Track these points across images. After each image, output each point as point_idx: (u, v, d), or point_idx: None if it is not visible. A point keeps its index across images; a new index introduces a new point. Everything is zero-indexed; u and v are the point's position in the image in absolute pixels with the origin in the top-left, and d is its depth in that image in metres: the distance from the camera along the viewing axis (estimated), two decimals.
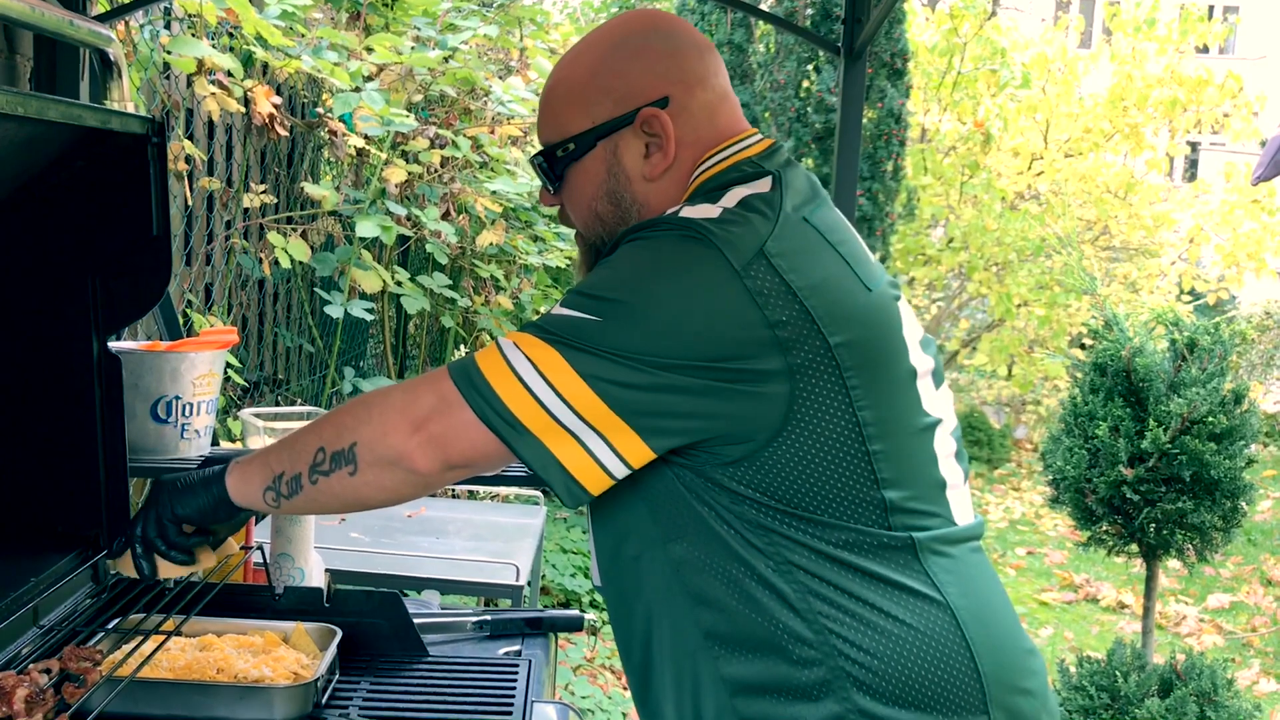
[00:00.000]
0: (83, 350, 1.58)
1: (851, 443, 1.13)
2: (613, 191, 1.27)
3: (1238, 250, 8.73)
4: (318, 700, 1.42)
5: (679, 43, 1.27)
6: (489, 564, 2.82)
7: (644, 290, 1.11)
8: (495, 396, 1.11)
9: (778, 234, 1.14)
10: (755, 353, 1.10)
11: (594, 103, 1.25)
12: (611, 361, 1.09)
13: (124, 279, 1.58)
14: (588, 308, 1.12)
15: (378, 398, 1.18)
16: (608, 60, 1.26)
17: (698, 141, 1.25)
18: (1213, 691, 2.92)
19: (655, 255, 1.14)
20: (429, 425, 1.14)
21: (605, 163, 1.26)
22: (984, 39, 8.03)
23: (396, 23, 4.43)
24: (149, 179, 1.53)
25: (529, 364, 1.11)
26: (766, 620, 1.14)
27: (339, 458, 1.17)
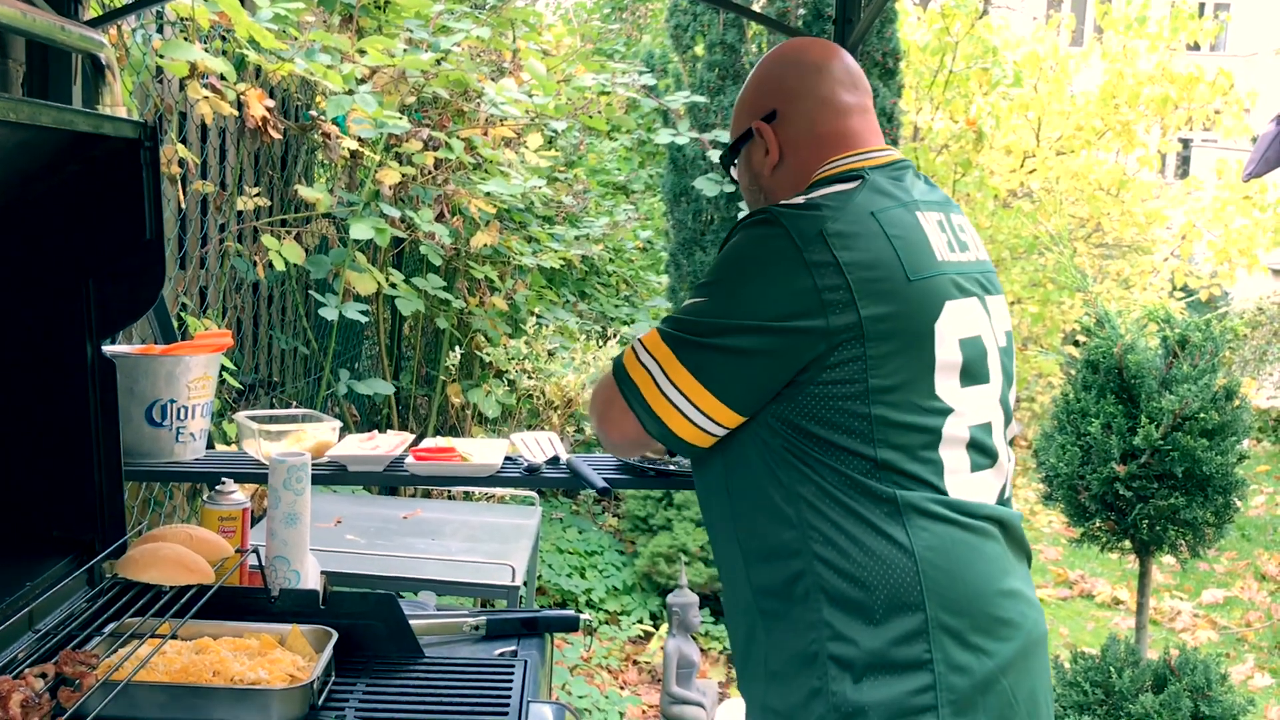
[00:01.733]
0: (77, 354, 1.59)
1: (858, 401, 1.38)
2: (751, 183, 1.66)
3: (1230, 246, 8.75)
4: (314, 702, 1.42)
5: (789, 66, 1.62)
6: (485, 565, 2.82)
7: (734, 268, 1.45)
8: (639, 392, 1.47)
9: (838, 220, 1.41)
10: (805, 311, 1.37)
11: (741, 117, 1.65)
12: (708, 347, 1.42)
13: (118, 283, 1.58)
14: (701, 291, 1.46)
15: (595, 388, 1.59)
16: (751, 83, 1.66)
17: (802, 144, 1.58)
18: (1207, 686, 2.93)
19: (742, 241, 1.46)
20: (608, 406, 1.53)
21: (746, 163, 1.66)
22: (976, 38, 8.04)
23: (389, 25, 4.43)
24: (142, 183, 1.53)
25: (652, 359, 1.46)
26: (773, 536, 1.44)
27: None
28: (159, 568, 1.54)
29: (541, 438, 2.56)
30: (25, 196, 1.53)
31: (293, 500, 1.76)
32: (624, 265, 6.70)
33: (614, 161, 7.16)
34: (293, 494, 1.76)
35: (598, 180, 6.62)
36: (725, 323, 1.42)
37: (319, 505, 2.79)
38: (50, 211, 1.55)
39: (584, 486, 2.37)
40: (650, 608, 4.83)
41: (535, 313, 5.35)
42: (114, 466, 1.63)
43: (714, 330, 1.42)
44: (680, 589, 3.80)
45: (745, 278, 1.42)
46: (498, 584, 2.75)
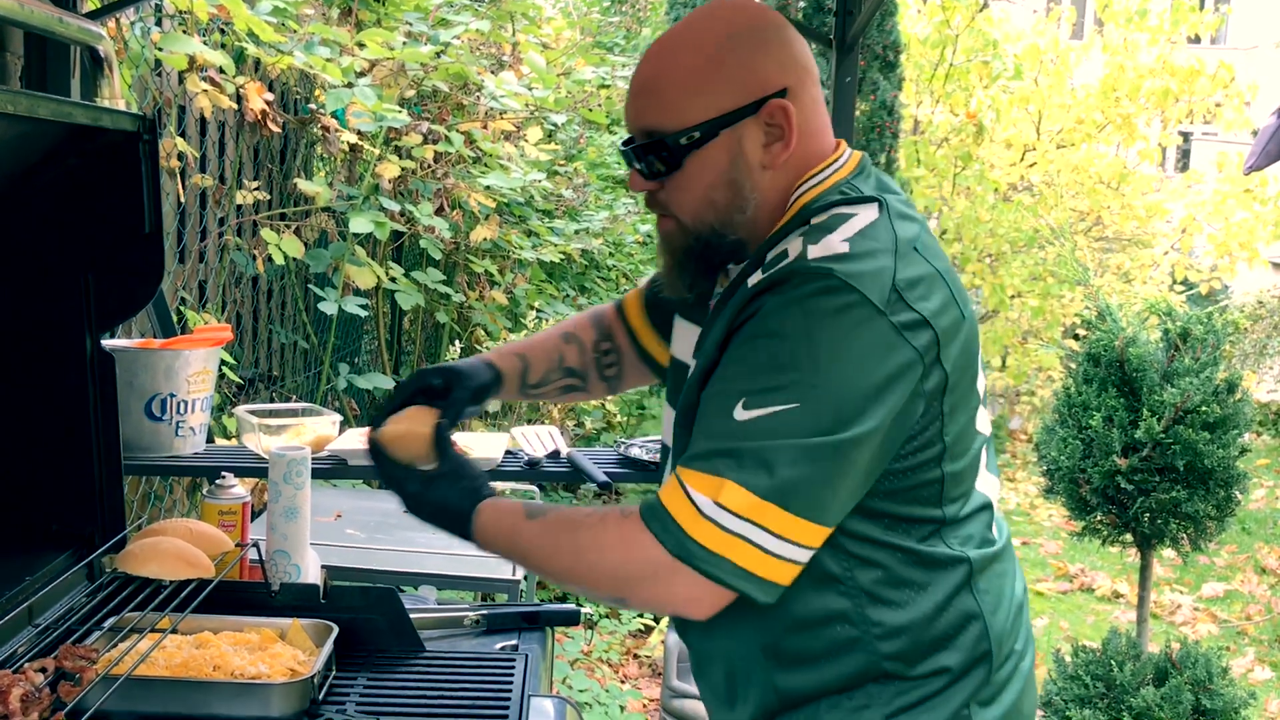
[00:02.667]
0: (76, 348, 1.58)
1: (933, 465, 1.21)
2: (733, 180, 1.28)
3: (1230, 240, 8.74)
4: (315, 696, 1.42)
5: (790, 35, 1.31)
6: (485, 559, 2.82)
7: (820, 360, 1.14)
8: (729, 564, 1.14)
9: (901, 266, 1.18)
10: (912, 392, 1.16)
11: (718, 93, 1.25)
12: (805, 478, 1.12)
13: (117, 277, 1.58)
14: (780, 399, 1.13)
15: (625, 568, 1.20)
16: (729, 48, 1.26)
17: (808, 133, 1.29)
18: (1208, 680, 2.94)
19: (809, 318, 1.15)
20: (691, 603, 1.18)
21: (728, 152, 1.27)
22: (976, 31, 8.03)
23: (388, 18, 4.42)
24: (141, 176, 1.53)
25: (750, 524, 1.13)
26: (821, 634, 1.24)
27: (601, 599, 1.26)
28: (159, 562, 1.54)
29: (542, 432, 2.56)
30: (24, 190, 1.52)
31: (293, 494, 1.76)
32: (624, 259, 6.69)
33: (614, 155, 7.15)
34: (293, 488, 1.76)
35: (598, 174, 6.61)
36: (839, 439, 1.12)
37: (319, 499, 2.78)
38: (49, 205, 1.55)
39: (585, 480, 2.37)
40: None
41: (535, 307, 5.34)
42: (113, 460, 1.63)
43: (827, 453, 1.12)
44: None
45: (837, 369, 1.13)
46: (498, 578, 2.75)
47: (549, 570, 1.26)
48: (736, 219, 1.29)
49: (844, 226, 1.21)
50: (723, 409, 1.16)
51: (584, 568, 1.21)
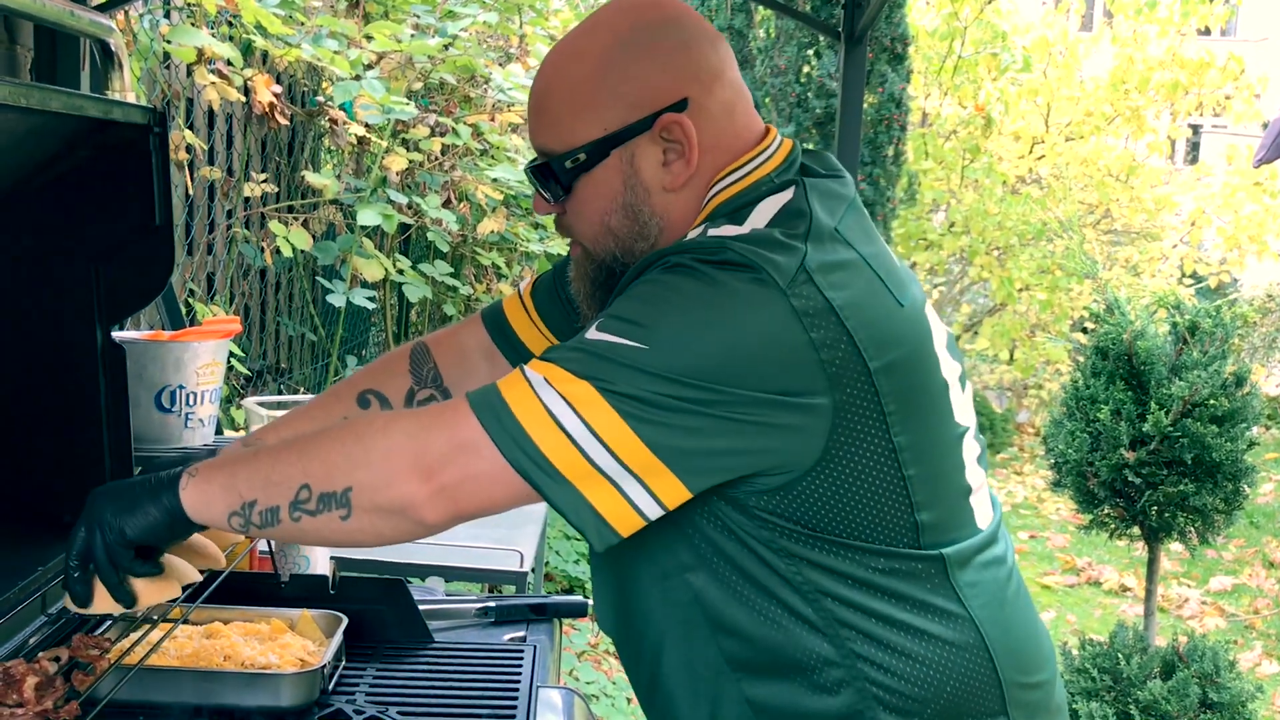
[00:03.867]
0: (86, 340, 1.59)
1: (887, 469, 1.09)
2: (629, 205, 1.16)
3: (1239, 233, 8.71)
4: (324, 687, 1.42)
5: (691, 34, 1.16)
6: (493, 550, 2.82)
7: (691, 316, 1.03)
8: (530, 441, 1.01)
9: (814, 247, 1.07)
10: (800, 383, 1.04)
11: (605, 108, 1.14)
12: (654, 399, 1.01)
13: (127, 269, 1.58)
14: (631, 334, 1.02)
15: (377, 435, 1.04)
16: (617, 59, 1.14)
17: (718, 146, 1.16)
18: (1215, 673, 2.93)
19: (699, 282, 1.04)
20: (444, 473, 1.02)
21: (620, 174, 1.15)
22: (984, 23, 8.00)
23: (396, 10, 4.42)
24: (151, 169, 1.53)
25: (565, 404, 1.01)
26: (793, 646, 1.12)
27: (329, 499, 1.04)
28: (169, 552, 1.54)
29: None
30: (34, 182, 1.53)
31: None
32: None
33: None
34: None
35: None
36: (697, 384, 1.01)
37: None
38: (59, 197, 1.55)
39: None
40: None
41: None
42: (124, 451, 1.64)
43: (665, 392, 1.01)
44: None
45: (708, 330, 1.02)
46: (506, 569, 2.76)
47: (282, 463, 1.06)
48: (639, 246, 1.17)
49: (752, 216, 1.12)
50: (577, 336, 1.06)
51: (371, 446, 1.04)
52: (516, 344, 1.46)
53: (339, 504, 1.04)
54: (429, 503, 1.03)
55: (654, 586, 1.17)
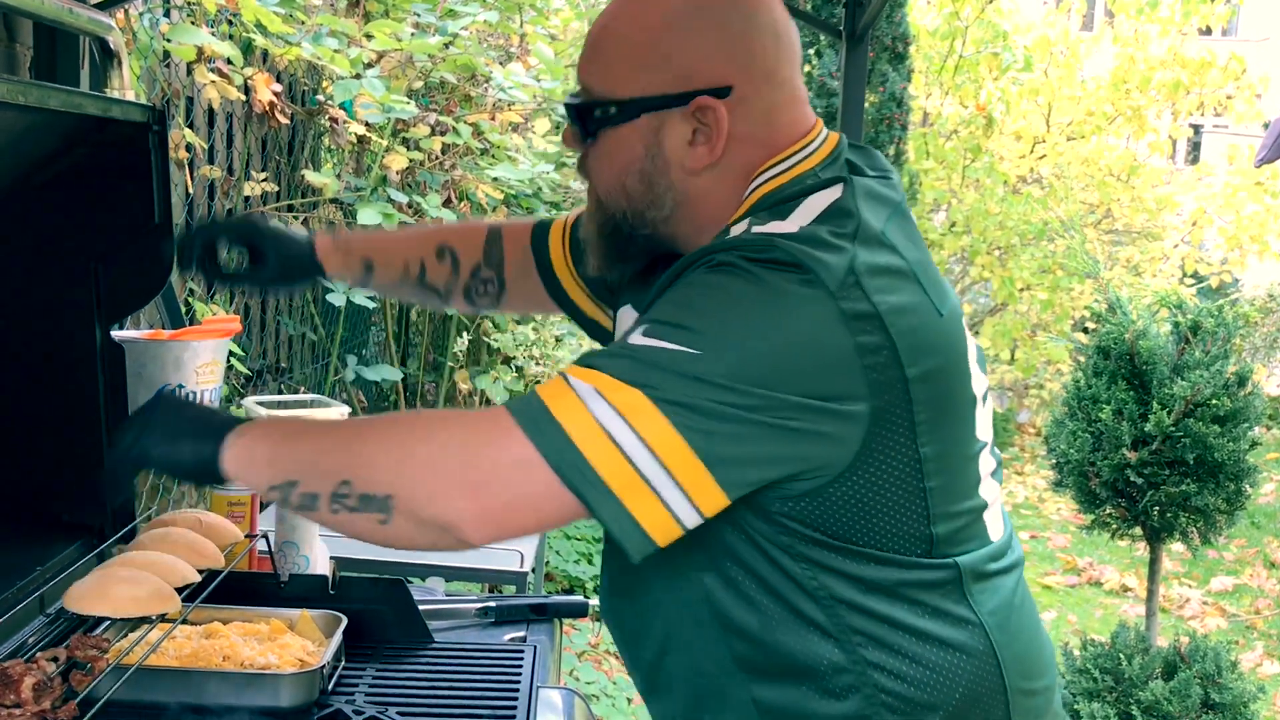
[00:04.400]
0: (86, 339, 1.59)
1: (910, 480, 1.08)
2: (646, 172, 1.14)
3: (1241, 233, 8.70)
4: (324, 687, 1.42)
5: (758, 24, 1.13)
6: (493, 550, 2.82)
7: (740, 319, 1.01)
8: (582, 457, 0.97)
9: (863, 249, 1.06)
10: (843, 388, 1.02)
11: (651, 69, 1.11)
12: (705, 406, 0.98)
13: (127, 267, 1.58)
14: (681, 339, 1.00)
15: (420, 442, 1.01)
16: (678, 26, 1.11)
17: (751, 140, 1.14)
18: (1216, 674, 2.93)
19: (747, 282, 1.02)
20: (492, 493, 0.99)
21: (644, 140, 1.13)
22: (986, 22, 8.00)
23: (396, 9, 4.41)
24: (151, 167, 1.53)
25: (616, 414, 0.97)
26: (804, 650, 1.11)
27: (369, 501, 1.01)
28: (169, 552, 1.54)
29: None
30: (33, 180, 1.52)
31: None
32: None
33: None
34: None
35: None
36: (742, 389, 0.99)
37: None
38: (59, 195, 1.55)
39: None
40: None
41: None
42: None
43: (729, 388, 0.99)
44: None
45: (758, 334, 1.00)
46: (506, 569, 2.75)
47: (326, 449, 1.05)
48: (650, 215, 1.16)
49: (798, 211, 1.09)
50: (620, 343, 1.04)
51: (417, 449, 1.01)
52: (546, 261, 1.50)
53: (379, 507, 1.01)
54: (474, 523, 1.00)
55: (665, 584, 1.15)
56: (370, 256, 1.54)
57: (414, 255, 1.53)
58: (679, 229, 1.18)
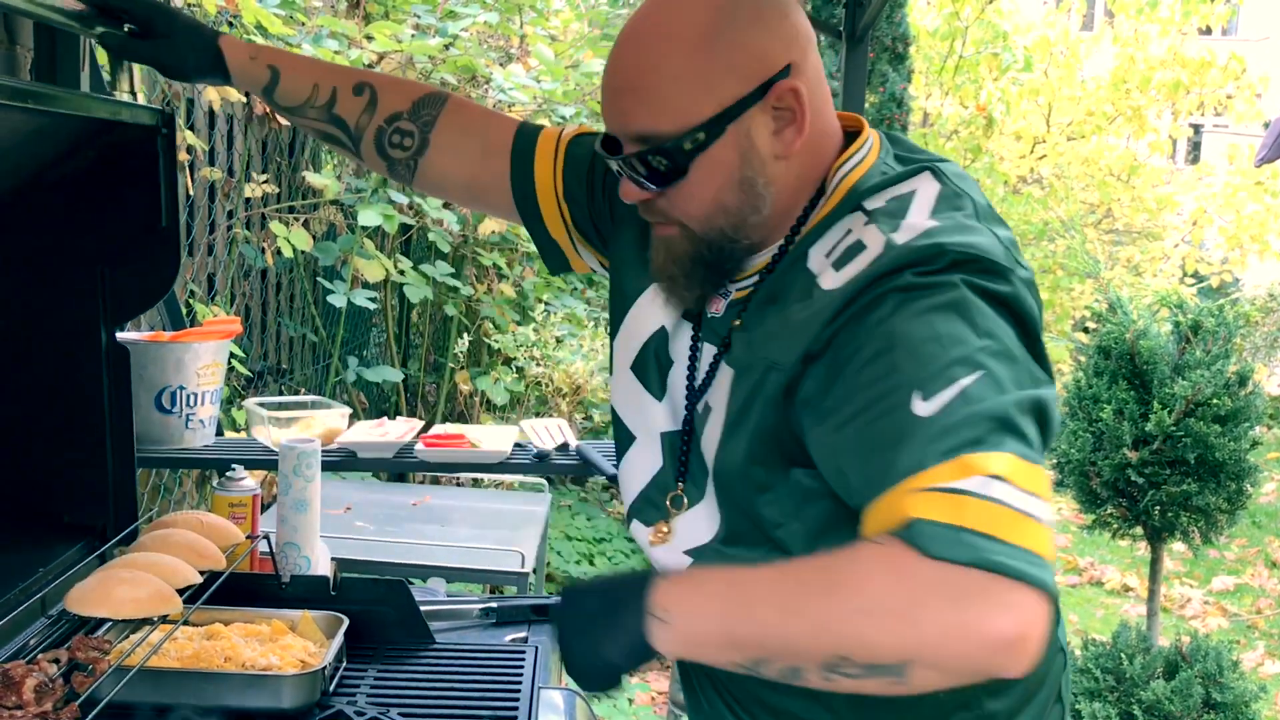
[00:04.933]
0: (91, 341, 1.58)
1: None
2: (745, 179, 1.11)
3: (1241, 233, 8.70)
4: (325, 688, 1.42)
5: (779, 3, 1.12)
6: (494, 551, 2.82)
7: (970, 330, 0.99)
8: (1039, 556, 0.89)
9: (993, 225, 1.09)
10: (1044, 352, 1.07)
11: (719, 82, 1.08)
12: (1019, 425, 0.95)
13: (133, 270, 1.57)
14: (960, 374, 0.95)
15: (909, 606, 0.90)
16: (724, 30, 1.08)
17: (823, 106, 1.13)
18: (1218, 673, 2.93)
19: (948, 293, 1.00)
20: (1024, 643, 0.88)
21: (738, 148, 1.10)
22: (986, 22, 8.00)
23: (396, 10, 4.42)
24: (158, 170, 1.53)
25: (1007, 485, 0.90)
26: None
27: (877, 669, 0.93)
28: (171, 553, 1.54)
29: (551, 424, 2.56)
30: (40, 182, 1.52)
31: (303, 486, 1.76)
32: None
33: None
34: (303, 480, 1.76)
35: None
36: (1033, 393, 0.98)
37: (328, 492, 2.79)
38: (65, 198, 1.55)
39: (594, 472, 2.37)
40: None
41: (543, 300, 5.34)
42: (126, 452, 1.63)
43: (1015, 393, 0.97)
44: None
45: (989, 334, 0.99)
46: (507, 570, 2.76)
47: (792, 632, 0.95)
48: (751, 220, 1.13)
49: (914, 205, 1.09)
50: (897, 419, 0.95)
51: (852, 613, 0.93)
52: (527, 162, 1.41)
53: (891, 673, 0.94)
54: (1013, 662, 0.89)
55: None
56: (278, 65, 1.45)
57: (327, 80, 1.45)
58: (764, 231, 1.15)
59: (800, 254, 1.13)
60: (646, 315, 1.27)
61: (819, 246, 1.11)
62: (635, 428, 1.27)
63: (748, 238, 1.15)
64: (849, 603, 0.93)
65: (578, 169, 1.39)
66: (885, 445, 0.95)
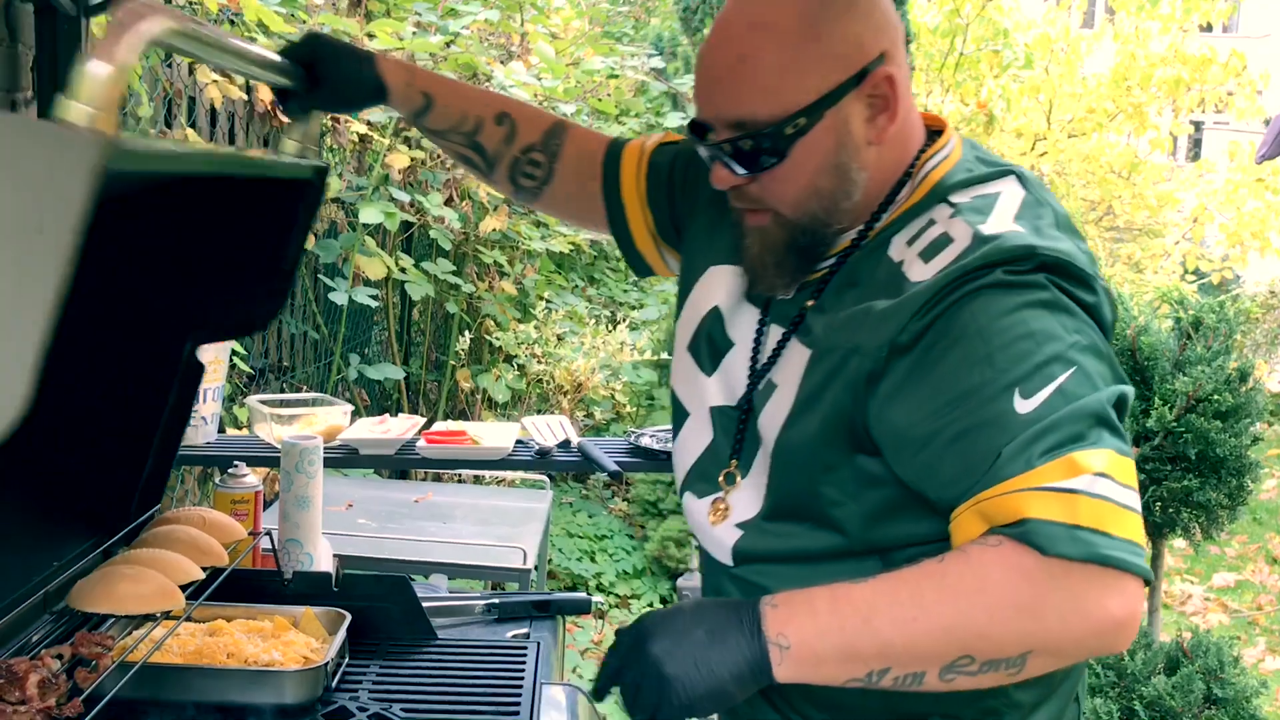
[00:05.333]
0: (173, 354, 1.55)
1: None
2: (840, 164, 1.14)
3: (1242, 229, 8.69)
4: (328, 684, 1.42)
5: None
6: (496, 548, 2.83)
7: (1061, 328, 1.04)
8: (1137, 545, 0.98)
9: (1072, 237, 1.12)
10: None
11: (819, 69, 1.11)
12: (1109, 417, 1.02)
13: (241, 299, 1.52)
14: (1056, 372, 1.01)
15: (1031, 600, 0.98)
16: (823, 18, 1.12)
17: (907, 102, 1.17)
18: (1219, 669, 2.93)
19: (1038, 292, 1.05)
20: (1127, 624, 0.98)
21: (835, 133, 1.13)
22: (986, 19, 7.99)
23: (398, 8, 4.42)
24: (301, 218, 1.47)
25: (1111, 482, 0.99)
26: None
27: (998, 663, 1.01)
28: (173, 550, 1.54)
29: (552, 421, 2.56)
30: (184, 220, 1.46)
31: (305, 483, 1.76)
32: None
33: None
34: (305, 477, 1.76)
35: None
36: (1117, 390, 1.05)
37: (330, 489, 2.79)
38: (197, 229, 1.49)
39: (595, 469, 2.37)
40: (660, 591, 4.84)
41: (544, 297, 5.34)
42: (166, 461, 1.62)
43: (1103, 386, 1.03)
44: (691, 572, 3.80)
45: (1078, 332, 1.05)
46: (509, 567, 2.76)
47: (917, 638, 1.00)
48: (843, 205, 1.16)
49: (999, 205, 1.13)
50: (996, 414, 1.00)
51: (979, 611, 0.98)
52: (614, 178, 1.48)
53: (1012, 665, 1.01)
54: (1122, 641, 1.00)
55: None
56: (432, 91, 1.47)
57: (474, 109, 1.48)
58: (854, 216, 1.18)
59: (882, 241, 1.16)
60: (702, 297, 1.31)
61: (902, 235, 1.15)
62: (689, 403, 1.31)
63: (838, 222, 1.18)
64: (974, 604, 0.98)
65: (659, 175, 1.45)
66: (985, 441, 1.00)
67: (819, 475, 1.13)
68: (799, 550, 1.16)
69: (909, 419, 1.06)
